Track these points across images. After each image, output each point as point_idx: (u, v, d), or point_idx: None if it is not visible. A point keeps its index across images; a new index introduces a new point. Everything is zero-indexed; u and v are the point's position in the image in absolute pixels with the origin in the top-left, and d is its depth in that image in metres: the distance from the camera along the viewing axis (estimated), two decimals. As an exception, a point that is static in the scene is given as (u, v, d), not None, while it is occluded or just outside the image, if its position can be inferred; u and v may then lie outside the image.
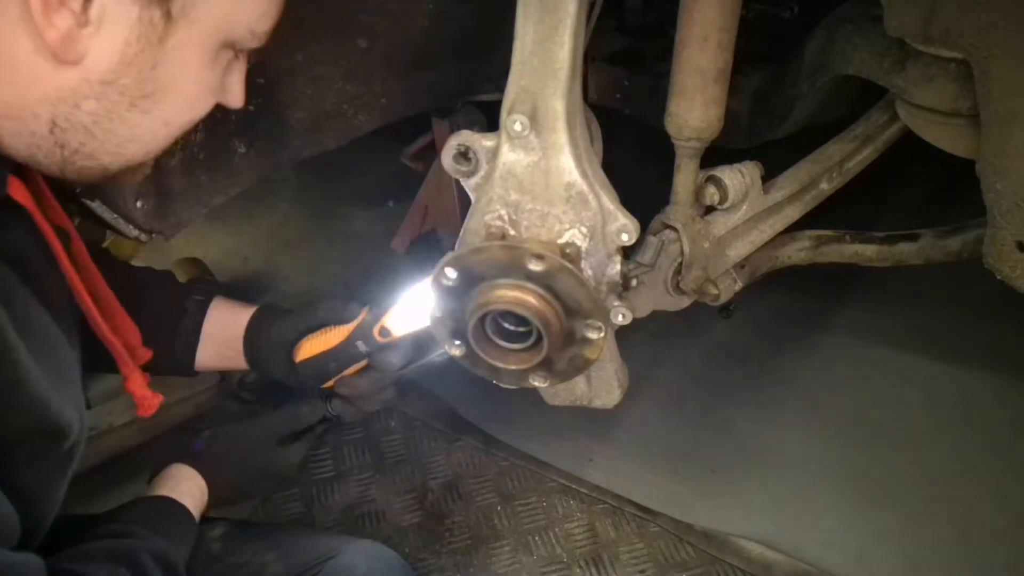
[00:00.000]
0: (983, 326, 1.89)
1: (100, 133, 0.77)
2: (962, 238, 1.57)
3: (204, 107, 0.85)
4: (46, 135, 0.75)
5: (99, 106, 0.75)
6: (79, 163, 0.79)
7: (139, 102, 0.77)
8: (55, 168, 0.78)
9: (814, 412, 1.75)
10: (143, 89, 0.76)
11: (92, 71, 0.73)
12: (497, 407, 1.77)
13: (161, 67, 0.76)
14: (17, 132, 0.74)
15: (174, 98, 0.80)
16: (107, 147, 0.79)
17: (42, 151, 0.76)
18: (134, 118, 0.78)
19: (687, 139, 1.26)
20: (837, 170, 1.59)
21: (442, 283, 0.96)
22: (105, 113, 0.76)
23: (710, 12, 1.11)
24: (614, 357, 1.12)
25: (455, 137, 0.96)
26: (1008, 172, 1.05)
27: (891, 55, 1.21)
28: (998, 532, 1.48)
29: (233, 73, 0.87)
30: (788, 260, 1.69)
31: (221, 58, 0.82)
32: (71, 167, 0.79)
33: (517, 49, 0.89)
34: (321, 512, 1.58)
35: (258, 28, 0.83)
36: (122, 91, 0.75)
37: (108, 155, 0.79)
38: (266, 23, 0.83)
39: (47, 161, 0.77)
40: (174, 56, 0.76)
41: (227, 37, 0.80)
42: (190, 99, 0.82)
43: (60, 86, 0.73)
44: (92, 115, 0.75)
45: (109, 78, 0.74)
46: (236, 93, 0.88)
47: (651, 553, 1.47)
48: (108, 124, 0.77)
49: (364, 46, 1.30)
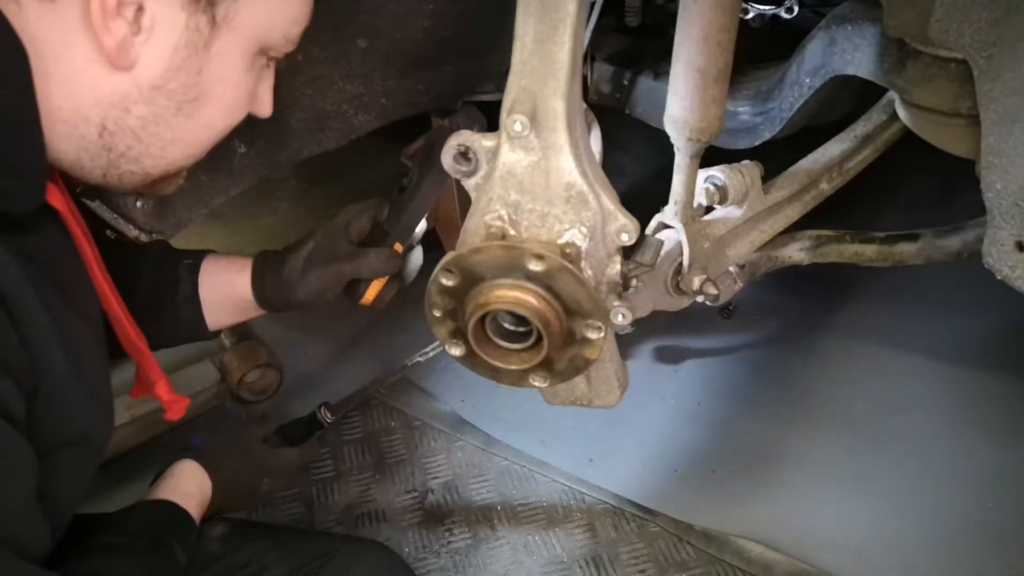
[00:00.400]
0: (983, 326, 1.89)
1: (146, 137, 0.80)
2: (962, 238, 1.57)
3: (241, 112, 0.88)
4: (95, 139, 0.78)
5: (147, 110, 0.78)
6: (123, 167, 0.81)
7: (185, 106, 0.80)
8: (99, 171, 0.81)
9: (814, 412, 1.75)
10: (189, 94, 0.80)
11: (143, 77, 0.76)
12: (497, 407, 1.78)
13: (206, 72, 0.80)
14: (67, 135, 0.76)
15: (216, 102, 0.83)
16: (151, 151, 0.82)
17: (89, 154, 0.79)
18: (179, 122, 0.81)
19: (687, 139, 1.26)
20: (837, 170, 1.59)
21: (442, 283, 0.96)
22: (153, 117, 0.79)
23: (710, 12, 1.11)
24: (614, 357, 1.12)
25: (455, 137, 0.96)
26: (1008, 172, 1.05)
27: (891, 55, 1.21)
28: (999, 532, 1.48)
29: (264, 82, 0.91)
30: (788, 260, 1.69)
31: (256, 64, 0.86)
32: (114, 171, 0.81)
33: (517, 49, 0.89)
34: (321, 512, 1.58)
35: (291, 32, 0.87)
36: (169, 96, 0.79)
37: (151, 159, 0.82)
38: (298, 27, 0.87)
39: (92, 164, 0.80)
40: (217, 61, 0.80)
41: (264, 43, 0.84)
42: (230, 103, 0.85)
43: (112, 91, 0.76)
44: (141, 119, 0.79)
45: (158, 83, 0.78)
46: (266, 102, 0.92)
47: (651, 553, 1.47)
48: (155, 128, 0.80)
49: (364, 46, 1.30)
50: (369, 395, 1.53)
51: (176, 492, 0.99)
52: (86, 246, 0.86)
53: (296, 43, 0.88)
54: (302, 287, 1.09)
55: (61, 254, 0.82)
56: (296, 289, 1.09)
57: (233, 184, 1.33)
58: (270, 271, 1.11)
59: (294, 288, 1.09)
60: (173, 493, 0.99)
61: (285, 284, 1.09)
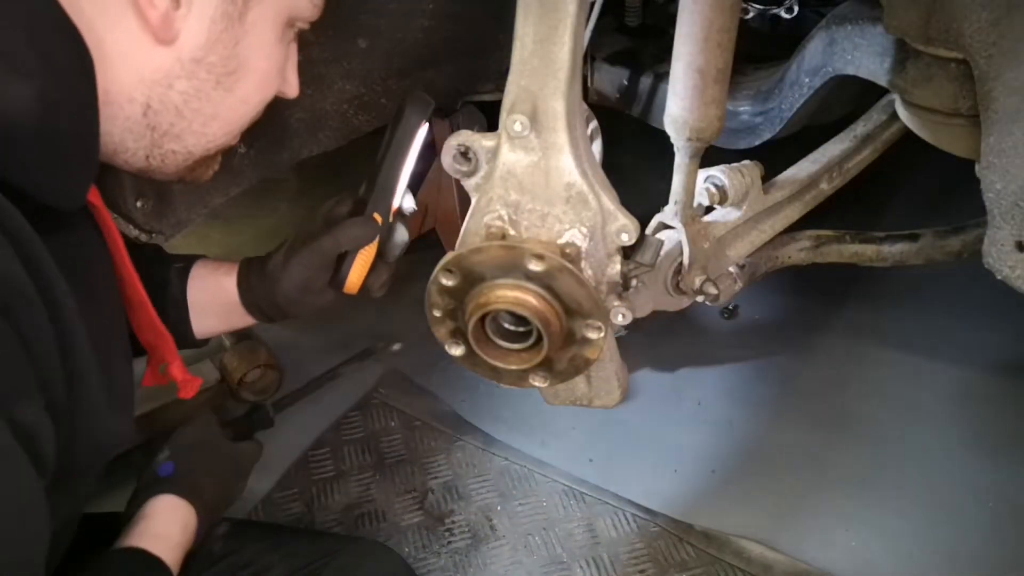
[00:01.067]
0: (983, 326, 1.89)
1: (189, 112, 0.82)
2: (962, 238, 1.57)
3: (273, 86, 0.90)
4: (139, 118, 0.79)
5: (189, 85, 0.80)
6: (166, 146, 0.83)
7: (224, 79, 0.82)
8: (142, 153, 0.82)
9: (814, 412, 1.75)
10: (227, 66, 0.82)
11: (184, 50, 0.78)
12: (497, 407, 1.78)
13: (242, 43, 0.82)
14: (112, 117, 0.77)
15: (251, 75, 0.85)
16: (194, 127, 0.83)
17: (133, 135, 0.80)
18: (219, 96, 0.83)
19: (687, 139, 1.26)
20: (837, 170, 1.59)
21: (442, 283, 0.96)
22: (194, 92, 0.81)
23: (710, 12, 1.11)
24: (614, 357, 1.12)
25: (455, 137, 0.96)
26: (1008, 172, 1.05)
27: (891, 55, 1.21)
28: (999, 532, 1.48)
29: (290, 62, 0.93)
30: (788, 260, 1.69)
31: (286, 36, 0.88)
32: (158, 151, 0.83)
33: (517, 49, 0.89)
34: (321, 512, 1.58)
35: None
36: (210, 68, 0.81)
37: (194, 136, 0.84)
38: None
39: (136, 145, 0.81)
40: (252, 32, 0.82)
41: (293, 10, 0.86)
42: (264, 76, 0.87)
43: (156, 68, 0.78)
44: (183, 94, 0.80)
45: (198, 55, 0.79)
46: (293, 82, 0.94)
47: (651, 553, 1.47)
48: (196, 103, 0.82)
49: (364, 46, 1.30)
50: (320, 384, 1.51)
51: (146, 536, 0.96)
52: (118, 238, 0.87)
53: (318, 13, 0.90)
54: (285, 278, 1.05)
55: (94, 250, 0.84)
56: (280, 282, 1.06)
57: (233, 184, 1.33)
58: (255, 269, 1.09)
59: (278, 281, 1.06)
60: (142, 538, 0.96)
61: (269, 279, 1.07)
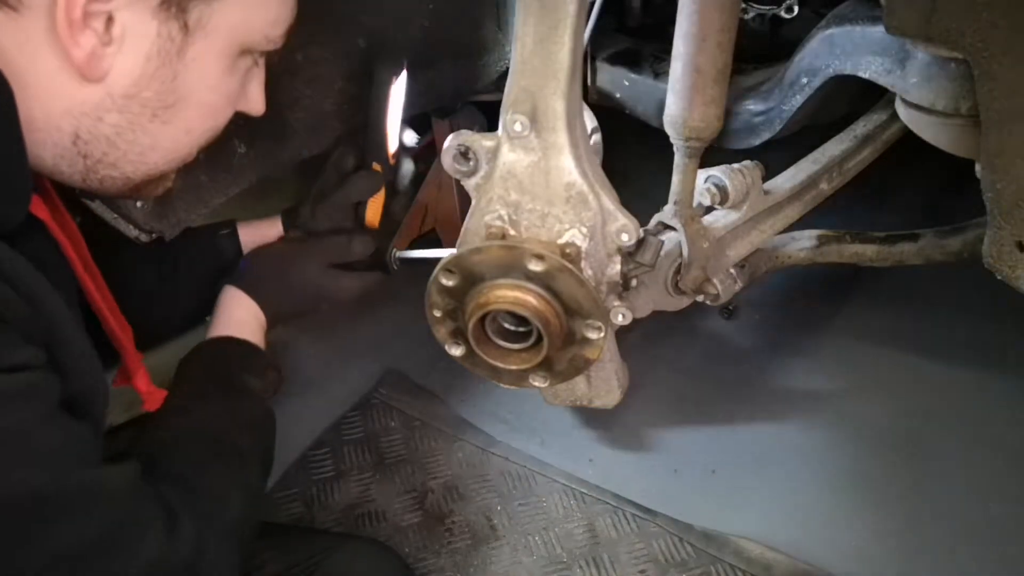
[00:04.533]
0: (983, 326, 1.89)
1: (123, 144, 0.79)
2: (962, 238, 1.57)
3: (224, 115, 0.87)
4: (69, 146, 0.76)
5: (121, 118, 0.77)
6: (102, 172, 0.80)
7: (160, 113, 0.79)
8: (78, 177, 0.80)
9: (814, 412, 1.75)
10: (164, 100, 0.78)
11: (115, 86, 0.75)
12: (497, 407, 1.77)
13: (181, 78, 0.78)
14: (42, 143, 0.75)
15: (195, 108, 0.81)
16: (129, 156, 0.80)
17: (66, 161, 0.78)
18: (156, 128, 0.79)
19: (686, 139, 1.26)
20: (837, 170, 1.59)
21: (442, 283, 0.96)
22: (127, 125, 0.78)
23: (709, 12, 1.11)
24: (614, 357, 1.13)
25: (455, 137, 0.96)
26: (1008, 172, 1.05)
27: (891, 55, 1.21)
28: (999, 532, 1.48)
29: (252, 81, 0.89)
30: (788, 260, 1.69)
31: (239, 66, 0.84)
32: (94, 176, 0.80)
33: (517, 49, 0.89)
34: (321, 512, 1.58)
35: (273, 32, 0.85)
36: (144, 103, 0.77)
37: (131, 164, 0.81)
38: (280, 27, 0.85)
39: (70, 170, 0.79)
40: (193, 67, 0.78)
41: (243, 45, 0.82)
42: (210, 108, 0.84)
43: (83, 101, 0.74)
44: (115, 127, 0.77)
45: (131, 92, 0.76)
46: (256, 100, 0.91)
47: (651, 553, 1.47)
48: (131, 135, 0.78)
49: (364, 46, 1.30)
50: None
51: (231, 324, 1.01)
52: (70, 250, 0.85)
53: (280, 42, 0.86)
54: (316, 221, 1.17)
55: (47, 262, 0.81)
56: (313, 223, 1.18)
57: (233, 184, 1.33)
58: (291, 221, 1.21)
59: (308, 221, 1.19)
60: (227, 326, 1.00)
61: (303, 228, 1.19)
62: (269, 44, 0.85)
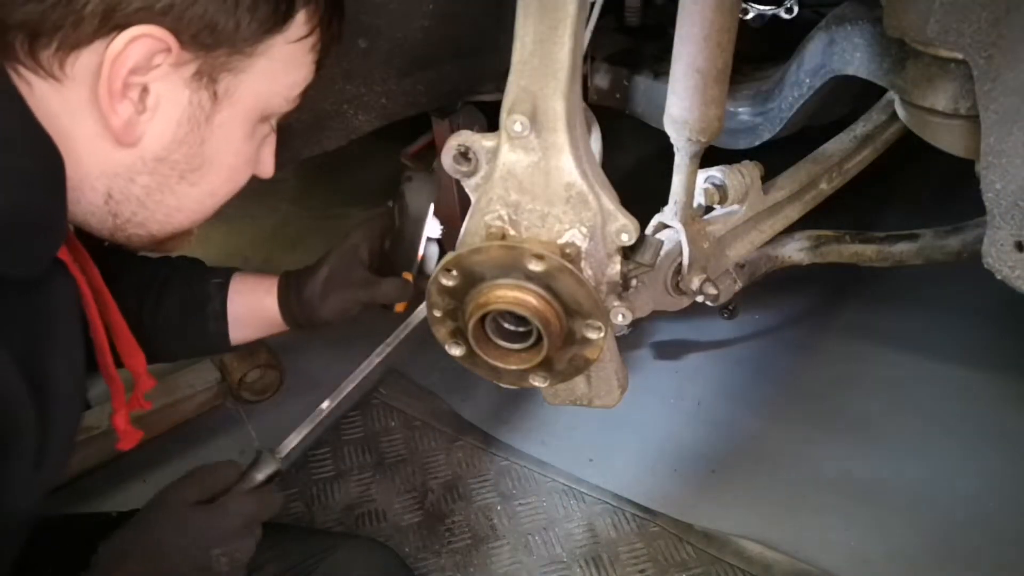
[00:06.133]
0: (983, 326, 1.89)
1: (151, 204, 0.83)
2: (962, 238, 1.57)
3: (243, 178, 0.90)
4: (101, 205, 0.80)
5: (152, 180, 0.81)
6: (129, 231, 0.84)
7: (188, 175, 0.83)
8: (106, 232, 0.84)
9: (814, 412, 1.75)
10: (192, 164, 0.82)
11: (147, 150, 0.79)
12: (497, 407, 1.78)
13: (208, 143, 0.82)
14: (75, 201, 0.79)
15: (218, 170, 0.85)
16: (157, 216, 0.84)
17: (96, 218, 0.82)
18: (183, 190, 0.83)
19: (686, 139, 1.25)
20: (837, 170, 1.59)
21: (442, 283, 0.96)
22: (157, 186, 0.82)
23: (710, 12, 1.11)
24: (614, 357, 1.12)
25: (455, 137, 0.96)
26: (1008, 172, 1.05)
27: (891, 55, 1.21)
28: (999, 533, 1.48)
29: (266, 147, 0.93)
30: (788, 260, 1.69)
31: (259, 131, 0.89)
32: (121, 233, 0.84)
33: (517, 49, 0.89)
34: (321, 512, 1.58)
35: (292, 94, 0.88)
36: (173, 166, 0.81)
37: (157, 224, 0.85)
38: (299, 88, 0.88)
39: (99, 227, 0.83)
40: (219, 132, 0.82)
41: (265, 110, 0.86)
42: (232, 171, 0.87)
43: (117, 163, 0.78)
44: (145, 188, 0.81)
45: (162, 155, 0.80)
46: (267, 164, 0.94)
47: (651, 553, 1.47)
48: (159, 196, 0.82)
49: (364, 46, 1.30)
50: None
51: None
52: (87, 292, 0.88)
53: (298, 102, 0.90)
54: (324, 308, 1.13)
55: (63, 303, 0.85)
56: (319, 310, 1.13)
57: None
58: (294, 292, 1.15)
59: (317, 309, 1.13)
60: None
61: (308, 305, 1.14)
62: (289, 105, 0.89)
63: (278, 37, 0.81)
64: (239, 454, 1.71)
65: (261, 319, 1.16)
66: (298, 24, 0.82)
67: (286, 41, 0.82)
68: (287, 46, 0.82)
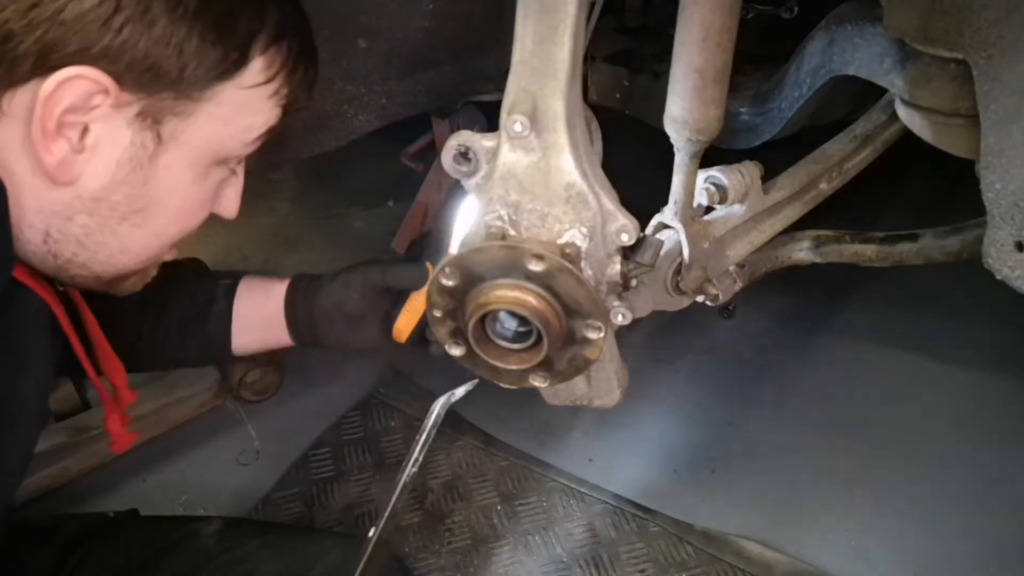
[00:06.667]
0: (983, 326, 1.89)
1: (92, 245, 0.80)
2: (962, 238, 1.57)
3: (196, 219, 0.87)
4: (40, 244, 0.79)
5: (91, 220, 0.79)
6: (72, 271, 0.82)
7: (130, 216, 0.80)
8: (50, 271, 0.82)
9: (814, 412, 1.75)
10: (134, 205, 0.79)
11: (85, 189, 0.77)
12: (497, 407, 1.78)
13: (152, 183, 0.79)
14: (17, 239, 0.77)
15: (165, 212, 0.82)
16: (99, 258, 0.82)
17: (37, 258, 0.80)
18: (125, 231, 0.81)
19: (687, 139, 1.25)
20: (837, 170, 1.59)
21: (442, 283, 0.96)
22: (97, 227, 0.79)
23: (709, 12, 1.11)
24: (614, 357, 1.12)
25: (455, 137, 0.96)
26: (1008, 172, 1.05)
27: (891, 55, 1.21)
28: (999, 532, 1.48)
29: (229, 188, 0.90)
30: (788, 260, 1.69)
31: (213, 175, 0.85)
32: (64, 274, 0.83)
33: (517, 49, 0.89)
34: (321, 512, 1.58)
35: (247, 138, 0.85)
36: (113, 207, 0.79)
37: (100, 265, 0.83)
38: (255, 132, 0.85)
39: (42, 266, 0.81)
40: (164, 174, 0.79)
41: (218, 154, 0.83)
42: (180, 212, 0.85)
43: (54, 201, 0.76)
44: (84, 227, 0.79)
45: (101, 195, 0.77)
46: (231, 206, 0.91)
47: (651, 553, 1.47)
48: (100, 237, 0.80)
49: (364, 46, 1.30)
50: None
51: None
52: (58, 307, 0.87)
53: (257, 145, 0.86)
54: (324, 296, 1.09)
55: (28, 321, 0.84)
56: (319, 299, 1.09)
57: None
58: (303, 283, 1.12)
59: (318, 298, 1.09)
60: None
61: (311, 294, 1.10)
62: (247, 149, 0.86)
63: (228, 83, 0.78)
64: (239, 454, 1.71)
65: (265, 317, 1.13)
66: (254, 71, 0.80)
67: (239, 87, 0.79)
68: (240, 92, 0.80)
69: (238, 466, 1.69)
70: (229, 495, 1.61)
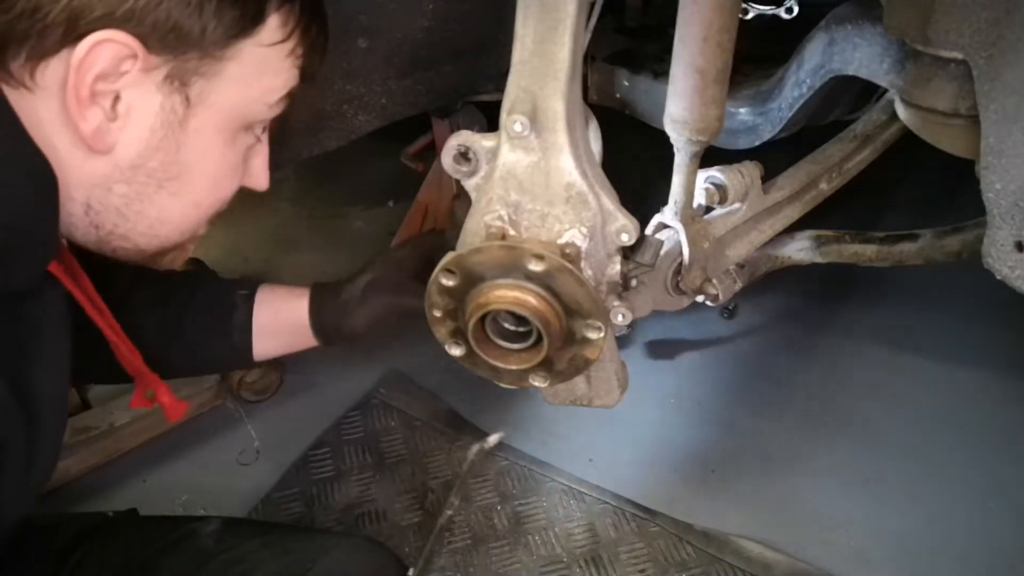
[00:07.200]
0: (983, 326, 1.89)
1: (131, 215, 0.82)
2: (962, 238, 1.57)
3: (229, 187, 0.90)
4: (82, 216, 0.81)
5: (129, 189, 0.81)
6: (114, 243, 0.84)
7: (167, 184, 0.82)
8: (91, 244, 0.84)
9: (814, 412, 1.75)
10: (169, 171, 0.82)
11: (122, 157, 0.79)
12: (497, 407, 1.78)
13: (184, 149, 0.82)
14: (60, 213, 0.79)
15: (199, 179, 0.85)
16: (139, 228, 0.84)
17: (79, 231, 0.82)
18: (163, 200, 0.83)
19: (687, 139, 1.25)
20: (837, 170, 1.59)
21: (442, 283, 0.96)
22: (135, 195, 0.81)
23: (709, 12, 1.11)
24: (614, 357, 1.12)
25: (455, 137, 0.96)
26: (1008, 172, 1.05)
27: (891, 55, 1.21)
28: (999, 533, 1.48)
29: (256, 157, 0.92)
30: (788, 260, 1.69)
31: (241, 140, 0.88)
32: (107, 246, 0.85)
33: (517, 49, 0.89)
34: (321, 512, 1.58)
35: (272, 99, 0.87)
36: (150, 174, 0.81)
37: (142, 236, 0.85)
38: (279, 93, 0.88)
39: (84, 239, 0.83)
40: (196, 138, 0.82)
41: (245, 117, 0.85)
42: (214, 180, 0.87)
43: (92, 172, 0.78)
44: (124, 197, 0.81)
45: (137, 162, 0.80)
46: (260, 176, 0.94)
47: (651, 553, 1.47)
48: (139, 206, 0.82)
49: (364, 46, 1.30)
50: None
51: None
52: (85, 301, 0.89)
53: (282, 107, 0.89)
54: (361, 313, 1.12)
55: (52, 314, 0.85)
56: (354, 315, 1.12)
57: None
58: (328, 296, 1.14)
59: (352, 314, 1.12)
60: None
61: (342, 309, 1.13)
62: (271, 112, 0.88)
63: (248, 41, 0.81)
64: (239, 454, 1.71)
65: (288, 327, 1.16)
66: (270, 28, 0.82)
67: (258, 45, 0.82)
68: (259, 50, 0.82)
69: (238, 466, 1.69)
70: (229, 495, 1.61)
